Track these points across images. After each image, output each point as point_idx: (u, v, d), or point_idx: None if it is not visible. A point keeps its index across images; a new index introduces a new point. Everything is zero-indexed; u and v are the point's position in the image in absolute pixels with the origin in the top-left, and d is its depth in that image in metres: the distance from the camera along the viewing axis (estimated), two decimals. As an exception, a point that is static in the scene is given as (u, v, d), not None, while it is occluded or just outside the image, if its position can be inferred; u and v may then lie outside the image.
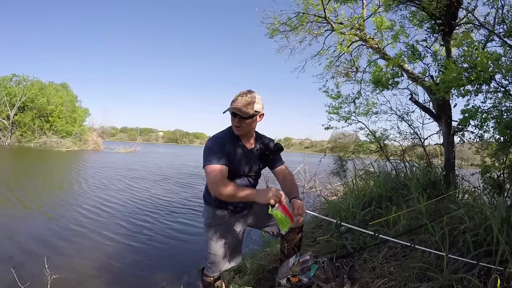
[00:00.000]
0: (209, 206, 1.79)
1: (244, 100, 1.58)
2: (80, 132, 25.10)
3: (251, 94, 1.61)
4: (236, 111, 1.57)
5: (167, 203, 5.95)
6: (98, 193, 6.55)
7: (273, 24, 4.96)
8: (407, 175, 3.46)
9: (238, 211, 1.80)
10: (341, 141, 5.89)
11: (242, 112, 1.56)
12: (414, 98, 3.91)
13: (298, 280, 1.66)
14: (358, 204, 2.82)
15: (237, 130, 1.64)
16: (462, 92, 2.97)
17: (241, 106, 1.57)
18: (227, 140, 1.65)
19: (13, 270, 2.45)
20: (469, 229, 1.80)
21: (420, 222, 2.13)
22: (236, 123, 1.61)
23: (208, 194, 1.74)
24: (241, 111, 1.56)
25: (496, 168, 2.90)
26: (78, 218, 4.53)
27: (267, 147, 1.80)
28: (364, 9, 4.44)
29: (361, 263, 2.00)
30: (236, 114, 1.58)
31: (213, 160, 1.57)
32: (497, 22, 3.07)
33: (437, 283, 1.55)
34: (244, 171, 1.71)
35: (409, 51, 3.60)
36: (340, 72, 5.16)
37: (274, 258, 2.42)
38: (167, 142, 61.98)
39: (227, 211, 1.77)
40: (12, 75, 25.01)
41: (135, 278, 2.78)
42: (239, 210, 1.80)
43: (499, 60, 2.68)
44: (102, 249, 3.41)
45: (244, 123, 1.61)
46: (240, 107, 1.57)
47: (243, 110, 1.56)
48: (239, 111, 1.56)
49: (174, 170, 12.11)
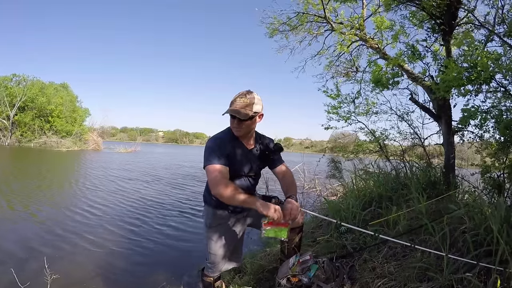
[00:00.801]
0: (209, 206, 1.79)
1: (243, 102, 1.57)
2: (80, 132, 25.11)
3: (250, 95, 1.59)
4: (234, 114, 1.55)
5: (168, 203, 5.95)
6: (100, 193, 6.55)
7: (272, 24, 4.97)
8: (407, 175, 3.46)
9: (238, 211, 1.80)
10: (341, 141, 5.89)
11: (241, 114, 1.54)
12: (414, 98, 3.91)
13: (298, 280, 1.67)
14: (358, 204, 2.82)
15: (236, 131, 1.64)
16: (463, 91, 2.97)
17: (240, 108, 1.56)
18: (227, 140, 1.64)
19: (13, 270, 2.45)
20: (469, 229, 1.80)
21: (420, 222, 2.13)
22: (235, 125, 1.61)
23: (209, 194, 1.73)
24: (240, 113, 1.54)
25: (496, 168, 2.90)
26: (79, 218, 4.53)
27: (267, 147, 1.79)
28: (364, 9, 4.44)
29: (361, 263, 2.00)
30: (235, 116, 1.57)
31: (213, 160, 1.56)
32: (497, 22, 3.07)
33: (437, 283, 1.55)
34: (244, 171, 1.71)
35: (409, 51, 3.60)
36: (340, 72, 5.16)
37: (274, 258, 2.42)
38: (167, 142, 62.02)
39: (227, 211, 1.76)
40: (12, 75, 25.06)
41: (135, 278, 2.77)
42: (239, 210, 1.80)
43: (499, 60, 2.68)
44: (102, 250, 3.40)
45: (243, 125, 1.60)
46: (239, 109, 1.55)
47: (242, 112, 1.55)
48: (238, 113, 1.55)
49: (175, 170, 12.12)
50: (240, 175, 1.70)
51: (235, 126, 1.61)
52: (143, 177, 9.60)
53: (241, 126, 1.60)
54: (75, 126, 24.88)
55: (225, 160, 1.58)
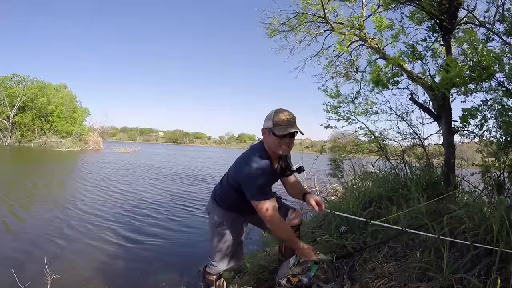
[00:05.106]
0: (221, 207, 1.82)
1: (294, 118, 1.58)
2: (80, 132, 25.08)
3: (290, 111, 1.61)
4: (298, 131, 1.57)
5: (168, 204, 5.96)
6: (100, 194, 6.55)
7: (272, 24, 4.97)
8: (407, 175, 3.46)
9: (246, 213, 1.84)
10: (340, 141, 5.88)
11: (301, 132, 1.58)
12: (414, 98, 3.91)
13: (298, 280, 1.67)
14: (359, 204, 2.81)
15: (288, 150, 1.63)
16: (463, 90, 2.97)
17: (296, 124, 1.58)
18: (265, 167, 1.60)
19: (13, 270, 2.45)
20: (469, 229, 1.80)
21: (420, 222, 2.12)
22: (289, 144, 1.60)
23: (220, 198, 1.79)
24: (301, 131, 1.58)
25: (496, 168, 2.90)
26: (79, 219, 4.53)
27: (288, 165, 1.79)
28: (363, 9, 4.44)
29: (361, 263, 2.00)
30: (294, 134, 1.58)
31: (268, 193, 1.59)
32: (497, 19, 3.06)
33: (437, 283, 1.55)
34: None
35: (409, 50, 3.60)
36: (339, 72, 5.16)
37: (274, 258, 2.42)
38: (167, 142, 61.97)
39: (237, 213, 1.82)
40: (13, 75, 25.06)
41: (135, 278, 2.78)
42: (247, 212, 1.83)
43: (500, 59, 2.68)
44: (102, 250, 3.41)
45: (293, 142, 1.62)
46: (298, 127, 1.57)
47: (299, 129, 1.57)
48: (300, 131, 1.57)
49: (175, 170, 12.12)
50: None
51: (289, 146, 1.61)
52: (143, 177, 9.60)
53: (293, 144, 1.62)
54: (75, 126, 24.85)
55: (272, 189, 1.63)
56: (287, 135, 1.54)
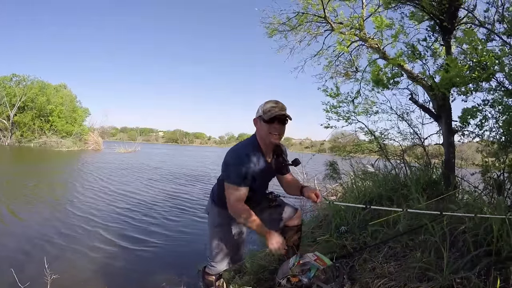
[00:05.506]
0: (218, 207, 1.81)
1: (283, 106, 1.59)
2: (80, 132, 25.07)
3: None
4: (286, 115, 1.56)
5: (167, 204, 5.96)
6: (100, 194, 6.55)
7: (272, 24, 4.96)
8: (407, 175, 3.46)
9: None
10: (340, 141, 5.88)
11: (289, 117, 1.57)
12: (414, 98, 3.91)
13: (298, 280, 1.66)
14: (359, 204, 2.81)
15: (279, 138, 1.62)
16: (463, 90, 2.97)
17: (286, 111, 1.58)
18: (253, 157, 1.61)
19: (13, 270, 2.45)
20: (469, 229, 1.80)
21: (420, 222, 2.12)
22: (280, 131, 1.60)
23: (218, 198, 1.77)
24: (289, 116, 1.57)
25: (496, 168, 2.90)
26: (78, 219, 4.53)
27: (284, 160, 1.79)
28: (363, 8, 4.44)
29: (361, 263, 2.00)
30: (284, 121, 1.58)
31: (238, 180, 1.57)
32: (497, 19, 3.06)
33: (437, 283, 1.55)
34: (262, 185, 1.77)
35: (409, 50, 3.60)
36: (339, 72, 5.15)
37: (274, 258, 2.42)
38: (167, 142, 61.93)
39: None
40: (12, 75, 25.02)
41: (135, 278, 2.78)
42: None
43: (500, 59, 2.68)
44: (102, 250, 3.41)
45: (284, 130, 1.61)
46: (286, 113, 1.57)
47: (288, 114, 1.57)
48: (289, 117, 1.57)
49: (175, 170, 12.12)
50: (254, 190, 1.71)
51: (280, 132, 1.60)
52: (143, 177, 9.60)
53: (283, 132, 1.61)
54: (75, 126, 24.83)
55: (248, 180, 1.59)
56: (276, 119, 1.56)
